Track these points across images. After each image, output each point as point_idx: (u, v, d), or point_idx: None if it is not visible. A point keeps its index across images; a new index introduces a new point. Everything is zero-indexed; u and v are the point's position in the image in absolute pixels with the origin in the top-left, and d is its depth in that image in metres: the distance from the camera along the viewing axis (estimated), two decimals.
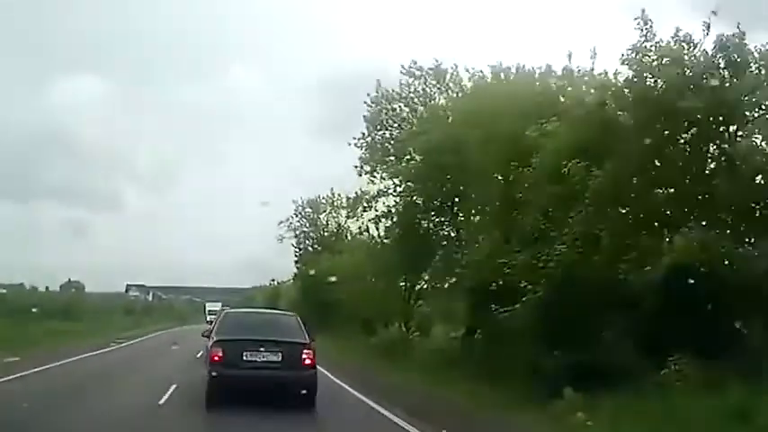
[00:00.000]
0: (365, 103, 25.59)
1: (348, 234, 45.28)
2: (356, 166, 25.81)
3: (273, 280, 73.19)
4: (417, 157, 22.52)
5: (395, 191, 25.04)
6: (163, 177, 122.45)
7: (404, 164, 23.93)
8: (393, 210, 25.00)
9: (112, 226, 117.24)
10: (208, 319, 69.58)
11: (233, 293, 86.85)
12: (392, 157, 25.21)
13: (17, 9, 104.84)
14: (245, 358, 12.14)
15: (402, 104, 25.19)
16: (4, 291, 54.15)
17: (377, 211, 25.83)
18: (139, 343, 36.71)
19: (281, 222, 47.82)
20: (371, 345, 30.02)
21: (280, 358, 12.24)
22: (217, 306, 71.29)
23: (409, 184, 22.17)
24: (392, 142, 25.06)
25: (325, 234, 47.11)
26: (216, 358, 12.17)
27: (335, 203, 46.53)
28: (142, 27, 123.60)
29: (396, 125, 25.35)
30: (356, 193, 26.05)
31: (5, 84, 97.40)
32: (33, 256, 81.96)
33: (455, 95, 23.74)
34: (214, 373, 12.06)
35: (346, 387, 17.33)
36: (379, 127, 25.41)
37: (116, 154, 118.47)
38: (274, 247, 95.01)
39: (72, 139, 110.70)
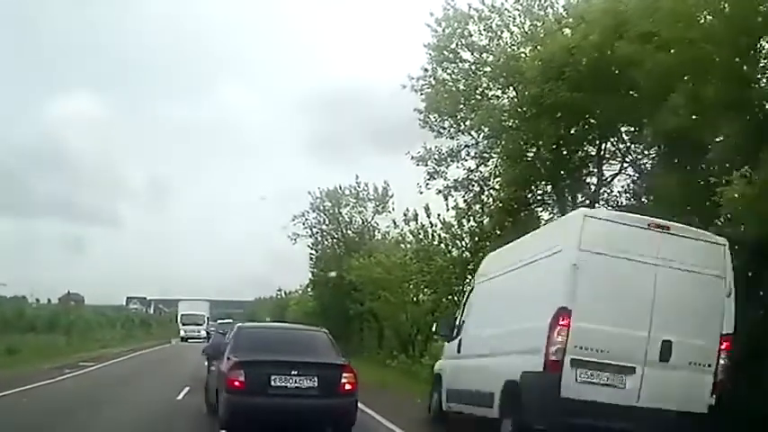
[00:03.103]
0: (427, 25, 17.86)
1: (376, 232, 38.12)
2: (418, 114, 17.97)
3: (280, 290, 65.91)
4: (510, 94, 14.98)
5: (476, 147, 17.33)
6: (162, 191, 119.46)
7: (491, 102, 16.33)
8: (476, 176, 17.39)
9: (114, 240, 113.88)
10: (182, 333, 57.34)
11: (236, 306, 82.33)
12: (464, 104, 17.48)
13: (13, 28, 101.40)
14: (273, 384, 9.86)
15: (481, 26, 17.46)
16: None
17: (446, 180, 18.04)
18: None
19: (295, 218, 39.61)
20: (426, 369, 22.33)
21: (316, 383, 9.99)
22: (199, 309, 60.19)
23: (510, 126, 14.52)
24: (473, 73, 17.28)
25: (349, 233, 39.24)
26: (237, 384, 9.84)
27: (361, 195, 38.82)
28: (138, 45, 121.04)
29: (468, 60, 17.64)
30: (424, 148, 18.12)
31: (4, 102, 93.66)
32: (36, 270, 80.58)
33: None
34: (234, 404, 9.81)
35: None
36: (449, 58, 17.63)
37: (116, 169, 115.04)
38: (278, 259, 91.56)
39: (71, 156, 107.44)
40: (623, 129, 13.74)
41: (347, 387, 10.06)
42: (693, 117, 10.05)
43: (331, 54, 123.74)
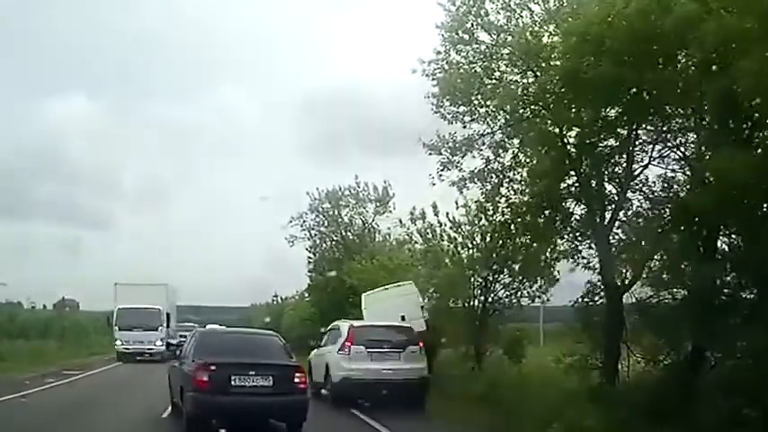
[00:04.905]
0: (440, 4, 16.33)
1: (377, 234, 36.68)
2: (432, 98, 16.40)
3: (276, 296, 64.17)
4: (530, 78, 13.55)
5: (491, 137, 15.86)
6: (158, 196, 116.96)
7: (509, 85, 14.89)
8: (494, 166, 15.90)
9: (110, 245, 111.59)
10: (119, 343, 35.14)
11: (234, 312, 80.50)
12: (479, 89, 15.99)
13: (5, 30, 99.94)
14: (233, 383, 11.07)
15: (498, 5, 15.98)
16: None
17: (462, 171, 16.48)
18: None
19: (293, 220, 38.10)
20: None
21: (271, 383, 11.25)
22: (151, 299, 34.93)
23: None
24: (489, 56, 15.77)
25: (349, 235, 37.75)
26: (201, 383, 11.01)
27: (361, 196, 37.37)
28: (136, 47, 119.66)
29: (485, 41, 16.15)
30: (437, 135, 16.58)
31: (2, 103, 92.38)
32: (32, 274, 79.17)
33: None
34: (199, 401, 11.02)
35: None
36: (463, 40, 16.12)
37: (112, 174, 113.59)
38: (275, 265, 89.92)
39: (69, 159, 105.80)
40: (667, 107, 12.10)
41: (300, 386, 11.44)
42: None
43: (331, 54, 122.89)
